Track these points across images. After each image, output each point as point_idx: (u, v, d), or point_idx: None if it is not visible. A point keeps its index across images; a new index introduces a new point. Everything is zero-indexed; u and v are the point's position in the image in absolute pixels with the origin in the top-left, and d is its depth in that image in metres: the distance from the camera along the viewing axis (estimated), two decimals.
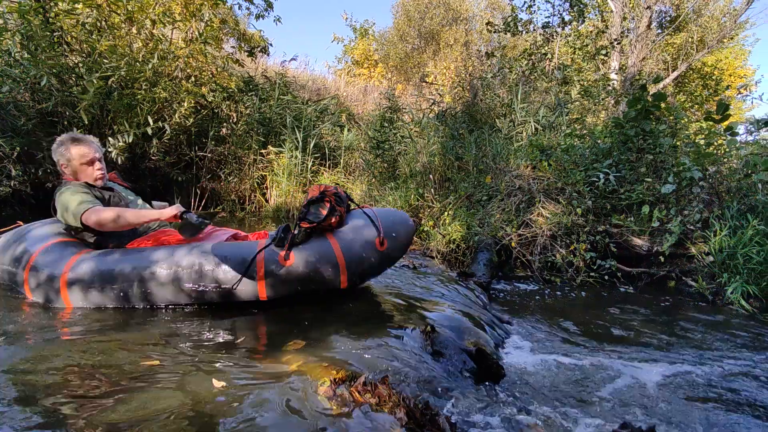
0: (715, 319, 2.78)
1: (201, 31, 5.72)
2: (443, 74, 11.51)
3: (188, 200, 5.85)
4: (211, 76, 6.10)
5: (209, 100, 6.06)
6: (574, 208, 3.72)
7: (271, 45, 7.12)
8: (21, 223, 2.65)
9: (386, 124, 5.46)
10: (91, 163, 2.24)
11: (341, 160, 6.27)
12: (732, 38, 12.59)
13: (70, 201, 2.13)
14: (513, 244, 3.74)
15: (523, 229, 3.85)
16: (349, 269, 2.06)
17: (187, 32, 5.95)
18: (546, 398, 1.62)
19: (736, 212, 3.19)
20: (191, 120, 5.57)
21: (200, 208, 5.67)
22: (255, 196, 5.97)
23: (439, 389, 1.60)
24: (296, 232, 2.03)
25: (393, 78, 14.38)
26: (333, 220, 2.05)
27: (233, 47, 7.15)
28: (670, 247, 3.35)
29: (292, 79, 8.85)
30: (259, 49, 7.16)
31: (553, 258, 3.61)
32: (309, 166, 5.88)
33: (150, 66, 5.12)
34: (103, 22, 5.26)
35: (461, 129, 5.45)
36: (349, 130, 6.73)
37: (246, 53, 6.99)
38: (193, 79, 5.87)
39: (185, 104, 5.36)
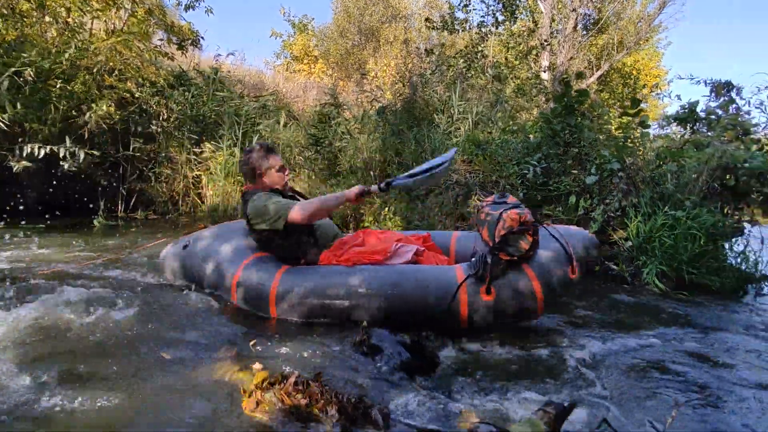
0: (636, 299, 3.00)
1: (124, 21, 5.35)
2: (384, 71, 11.59)
3: (113, 204, 5.48)
4: (137, 69, 5.73)
5: (136, 95, 5.70)
6: None
7: (202, 38, 6.82)
8: (202, 225, 2.90)
9: (326, 120, 5.39)
10: (282, 170, 2.43)
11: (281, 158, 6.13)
12: (647, 40, 13.68)
13: (269, 206, 2.21)
14: None
15: (460, 222, 3.95)
16: (546, 298, 2.03)
17: (107, 23, 5.55)
18: (479, 385, 1.66)
19: (649, 200, 3.46)
20: (117, 116, 5.21)
21: (127, 212, 5.33)
22: (189, 196, 5.69)
23: (374, 383, 1.60)
24: (492, 262, 1.94)
25: (334, 74, 14.27)
26: (532, 252, 1.98)
27: (161, 39, 6.76)
28: (594, 234, 3.57)
29: (228, 75, 8.54)
30: (189, 42, 6.82)
31: None
32: None
33: (66, 56, 4.72)
34: (10, 9, 4.78)
35: (401, 125, 5.51)
36: (289, 126, 6.59)
37: (175, 46, 6.64)
38: (117, 73, 5.49)
39: (106, 100, 4.99)
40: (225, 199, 5.65)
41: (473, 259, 2.03)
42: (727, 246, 3.43)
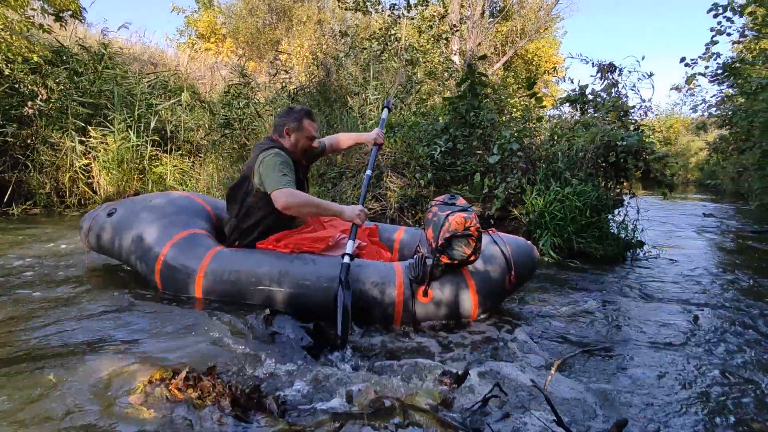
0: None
1: None
2: (297, 52, 11.21)
3: None
4: (5, 43, 4.96)
5: (5, 72, 4.94)
6: (418, 180, 3.96)
7: (84, 9, 6.04)
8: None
9: (234, 101, 5.09)
10: (312, 139, 2.27)
11: (185, 143, 5.70)
12: (546, 29, 14.65)
13: (275, 169, 2.03)
14: None
15: (373, 203, 3.98)
16: (481, 304, 2.03)
17: None
18: (382, 363, 1.69)
19: (543, 177, 3.74)
20: None
21: (1, 206, 4.66)
22: (78, 187, 5.10)
23: (276, 370, 1.57)
24: (432, 264, 1.91)
25: (244, 54, 13.54)
26: (473, 258, 1.94)
27: (34, 10, 5.90)
28: (497, 210, 3.79)
29: (122, 51, 7.72)
30: (69, 13, 6.03)
31: None
32: (146, 151, 5.22)
33: None
34: None
35: (314, 107, 5.38)
36: (193, 108, 6.15)
37: (52, 17, 5.83)
38: None
39: None
40: (121, 188, 5.16)
41: (412, 259, 2.01)
42: (609, 217, 3.81)
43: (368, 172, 2.39)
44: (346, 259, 1.95)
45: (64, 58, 5.64)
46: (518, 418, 1.38)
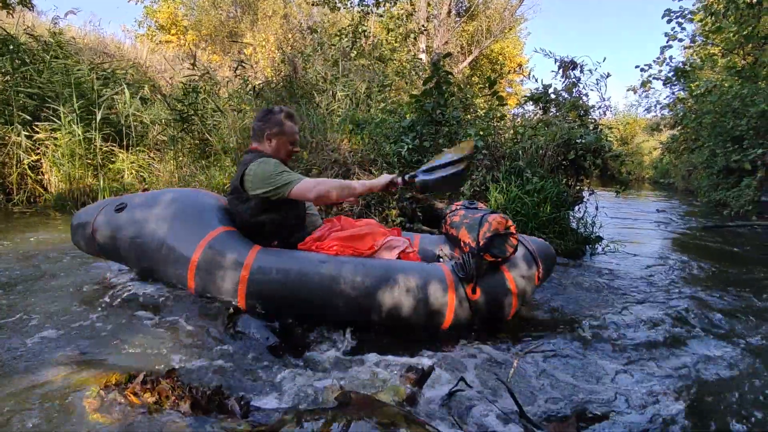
0: None
1: None
2: (262, 46, 10.99)
3: None
4: None
5: None
6: None
7: None
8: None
9: (192, 92, 4.91)
10: (294, 143, 2.15)
11: (143, 138, 5.47)
12: (511, 29, 14.97)
13: (278, 171, 1.94)
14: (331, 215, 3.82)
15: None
16: (519, 301, 2.03)
17: None
18: (348, 361, 1.68)
19: (506, 174, 3.82)
20: None
21: None
22: (26, 184, 4.81)
23: (240, 370, 1.53)
24: (475, 263, 1.93)
25: (208, 48, 13.16)
26: (513, 255, 2.01)
27: None
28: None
29: (74, 41, 7.34)
30: (17, 0, 5.68)
31: None
32: (98, 146, 4.97)
33: None
34: None
35: (279, 103, 5.28)
36: (151, 102, 5.91)
37: None
38: None
39: None
40: (74, 185, 4.90)
41: (453, 260, 2.05)
42: (570, 213, 3.94)
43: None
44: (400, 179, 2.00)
45: (11, 47, 5.30)
46: (482, 410, 1.40)
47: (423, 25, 10.63)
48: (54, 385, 1.34)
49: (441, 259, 2.25)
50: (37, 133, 4.87)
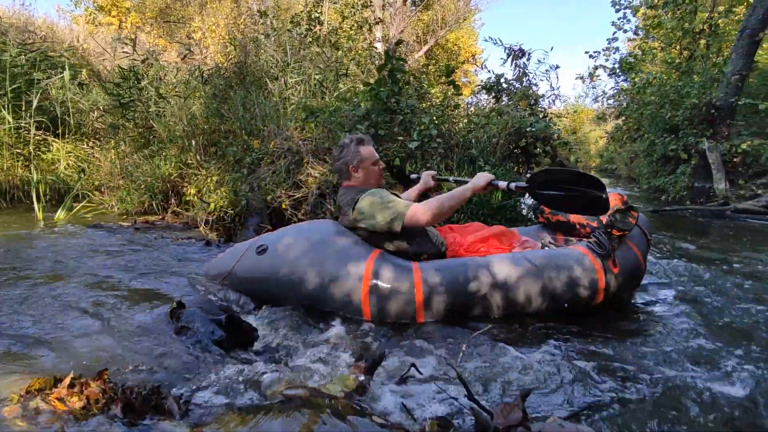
0: None
1: None
2: (212, 30, 10.50)
3: None
4: None
5: None
6: None
7: None
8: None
9: (133, 77, 4.62)
10: (376, 163, 2.19)
11: (80, 126, 5.10)
12: (465, 19, 15.11)
13: (389, 202, 1.99)
14: (284, 206, 3.73)
15: (293, 190, 3.86)
16: (645, 269, 2.20)
17: None
18: (296, 354, 1.64)
19: (460, 162, 3.86)
20: None
21: None
22: None
23: (178, 368, 1.46)
24: (607, 239, 2.05)
25: (152, 31, 12.45)
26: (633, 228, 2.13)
27: None
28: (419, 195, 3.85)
29: None
30: None
31: (324, 215, 3.75)
32: (30, 134, 4.60)
33: None
34: None
35: (228, 89, 5.07)
36: (89, 87, 5.52)
37: None
38: None
39: None
40: (5, 178, 4.52)
41: (588, 240, 2.17)
42: (521, 200, 4.03)
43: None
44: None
45: None
46: (433, 395, 1.40)
47: (379, 17, 10.53)
48: None
49: (550, 245, 2.38)
50: None
